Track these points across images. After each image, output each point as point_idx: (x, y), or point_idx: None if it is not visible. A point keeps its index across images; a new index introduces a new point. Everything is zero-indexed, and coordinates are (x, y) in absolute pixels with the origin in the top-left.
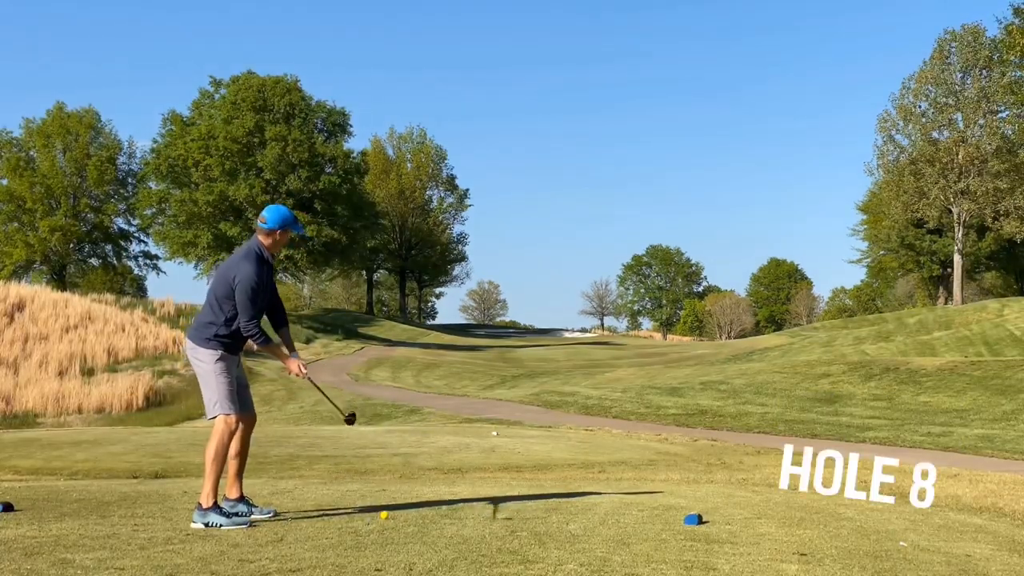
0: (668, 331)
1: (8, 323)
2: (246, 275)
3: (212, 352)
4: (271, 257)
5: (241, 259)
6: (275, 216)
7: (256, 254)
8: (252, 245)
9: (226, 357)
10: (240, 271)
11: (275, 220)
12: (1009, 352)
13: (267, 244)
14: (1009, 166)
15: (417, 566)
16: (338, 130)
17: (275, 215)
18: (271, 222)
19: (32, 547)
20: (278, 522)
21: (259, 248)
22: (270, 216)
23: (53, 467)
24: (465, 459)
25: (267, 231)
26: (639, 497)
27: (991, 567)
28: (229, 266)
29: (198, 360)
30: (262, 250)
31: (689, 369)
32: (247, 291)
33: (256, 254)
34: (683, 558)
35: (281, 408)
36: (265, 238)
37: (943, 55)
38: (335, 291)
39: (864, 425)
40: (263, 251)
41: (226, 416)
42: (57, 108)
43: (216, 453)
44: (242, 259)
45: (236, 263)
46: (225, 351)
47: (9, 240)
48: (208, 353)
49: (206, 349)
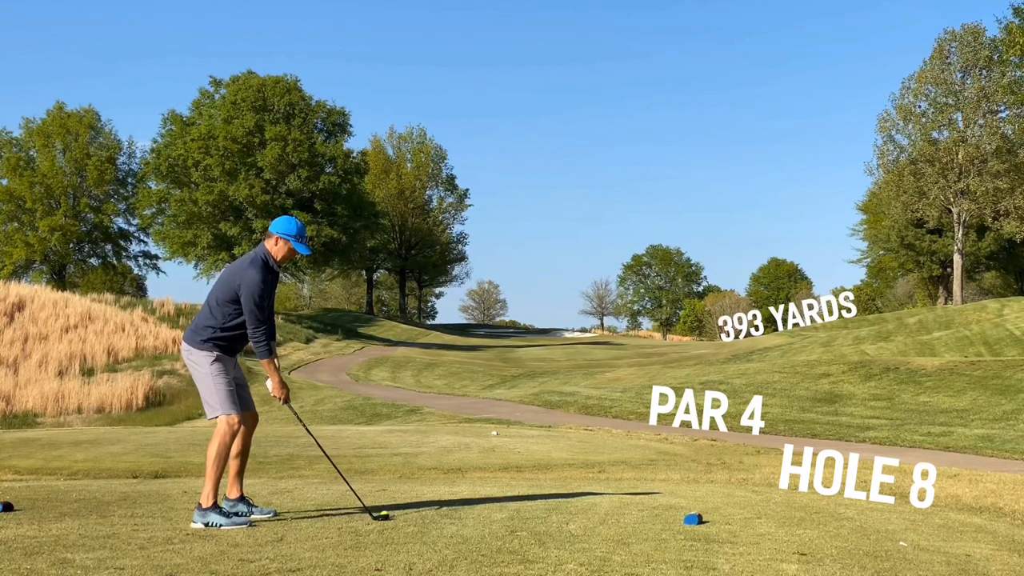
0: (668, 331)
1: (8, 323)
2: (251, 282)
3: (207, 354)
4: (277, 266)
5: (247, 266)
6: (280, 223)
7: (262, 261)
8: (259, 252)
9: (222, 358)
10: (245, 278)
11: (278, 226)
12: (1009, 352)
13: (272, 252)
14: (1009, 166)
15: (417, 566)
16: (338, 130)
17: (280, 222)
18: (274, 227)
19: (32, 547)
20: (278, 522)
21: (265, 255)
22: (276, 222)
23: (53, 467)
24: (465, 459)
25: (272, 235)
26: (639, 497)
27: (991, 567)
28: (234, 272)
29: (194, 362)
30: (268, 257)
31: (689, 369)
32: (253, 298)
33: (262, 261)
34: (683, 558)
35: (281, 408)
36: (272, 246)
37: (943, 55)
38: (335, 291)
39: (864, 425)
40: (269, 258)
41: (228, 417)
42: (57, 108)
43: (217, 453)
44: (248, 266)
45: (242, 269)
46: (221, 352)
47: (9, 240)
48: (203, 355)
49: (201, 351)
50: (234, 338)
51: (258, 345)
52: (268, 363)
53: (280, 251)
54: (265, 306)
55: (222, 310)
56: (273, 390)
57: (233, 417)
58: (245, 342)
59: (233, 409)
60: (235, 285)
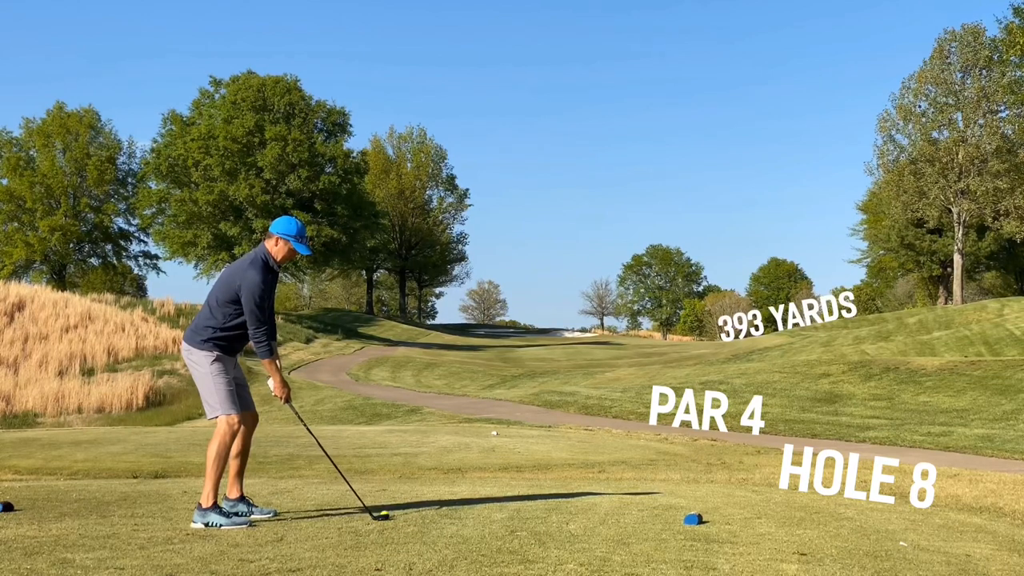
0: (668, 331)
1: (8, 323)
2: (252, 283)
3: (207, 354)
4: (277, 266)
5: (247, 266)
6: (280, 224)
7: (262, 261)
8: (259, 252)
9: (222, 358)
10: (246, 278)
11: (278, 227)
12: (1009, 352)
13: (272, 252)
14: (1009, 166)
15: (417, 566)
16: (338, 130)
17: (280, 223)
18: (274, 227)
19: (32, 547)
20: (278, 522)
21: (265, 255)
22: (276, 222)
23: (53, 467)
24: (465, 459)
25: (272, 235)
26: (639, 497)
27: (991, 567)
28: (234, 272)
29: (194, 362)
30: (268, 258)
31: (689, 369)
32: (253, 298)
33: (262, 261)
34: (683, 558)
35: (281, 408)
36: (272, 246)
37: (943, 55)
38: (335, 291)
39: (864, 425)
40: (269, 258)
41: (228, 417)
42: (57, 108)
43: (217, 454)
44: (248, 266)
45: (242, 270)
46: (221, 352)
47: (9, 240)
48: (203, 355)
49: (201, 351)
50: (234, 338)
51: (259, 345)
52: (269, 363)
53: (280, 251)
54: (265, 306)
55: (222, 310)
56: (275, 390)
57: (233, 417)
58: (245, 342)
59: (233, 409)
60: (235, 286)
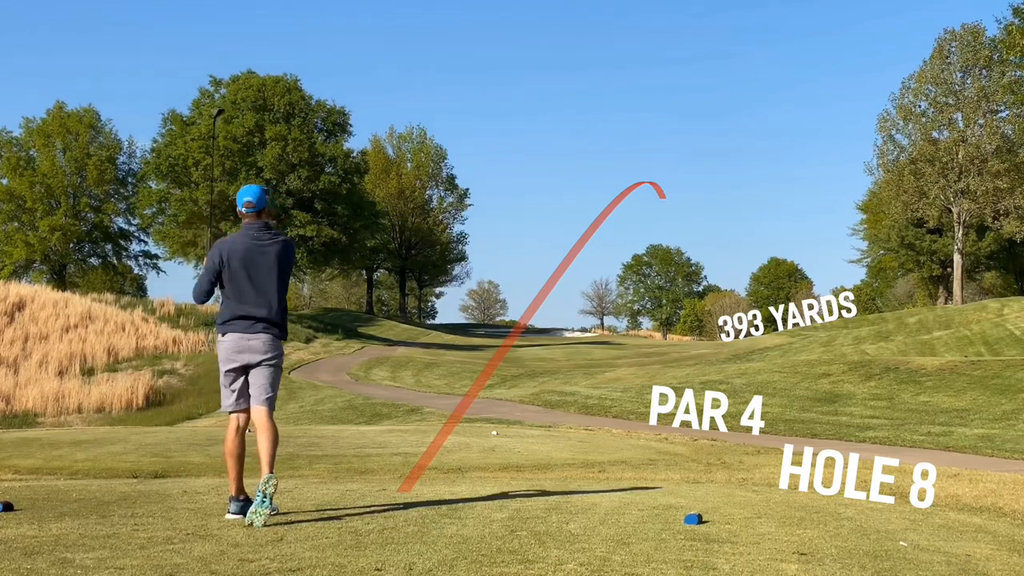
0: (668, 331)
1: (8, 323)
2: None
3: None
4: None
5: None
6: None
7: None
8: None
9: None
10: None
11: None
12: (1009, 352)
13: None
14: (1009, 166)
15: (417, 566)
16: (338, 129)
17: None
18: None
19: (32, 547)
20: (278, 522)
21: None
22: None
23: (53, 467)
24: (465, 459)
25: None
26: (639, 497)
27: (991, 567)
28: (283, 251)
29: (279, 357)
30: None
31: (689, 369)
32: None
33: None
34: (683, 558)
35: (281, 408)
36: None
37: (943, 55)
38: (335, 291)
39: (864, 425)
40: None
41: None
42: (57, 108)
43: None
44: (287, 242)
45: (291, 250)
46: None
47: (9, 240)
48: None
49: (282, 345)
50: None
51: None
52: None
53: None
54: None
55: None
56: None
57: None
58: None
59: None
60: (287, 267)
